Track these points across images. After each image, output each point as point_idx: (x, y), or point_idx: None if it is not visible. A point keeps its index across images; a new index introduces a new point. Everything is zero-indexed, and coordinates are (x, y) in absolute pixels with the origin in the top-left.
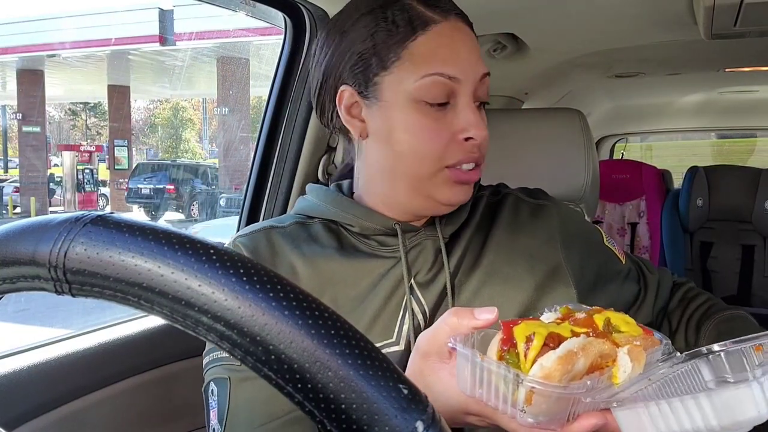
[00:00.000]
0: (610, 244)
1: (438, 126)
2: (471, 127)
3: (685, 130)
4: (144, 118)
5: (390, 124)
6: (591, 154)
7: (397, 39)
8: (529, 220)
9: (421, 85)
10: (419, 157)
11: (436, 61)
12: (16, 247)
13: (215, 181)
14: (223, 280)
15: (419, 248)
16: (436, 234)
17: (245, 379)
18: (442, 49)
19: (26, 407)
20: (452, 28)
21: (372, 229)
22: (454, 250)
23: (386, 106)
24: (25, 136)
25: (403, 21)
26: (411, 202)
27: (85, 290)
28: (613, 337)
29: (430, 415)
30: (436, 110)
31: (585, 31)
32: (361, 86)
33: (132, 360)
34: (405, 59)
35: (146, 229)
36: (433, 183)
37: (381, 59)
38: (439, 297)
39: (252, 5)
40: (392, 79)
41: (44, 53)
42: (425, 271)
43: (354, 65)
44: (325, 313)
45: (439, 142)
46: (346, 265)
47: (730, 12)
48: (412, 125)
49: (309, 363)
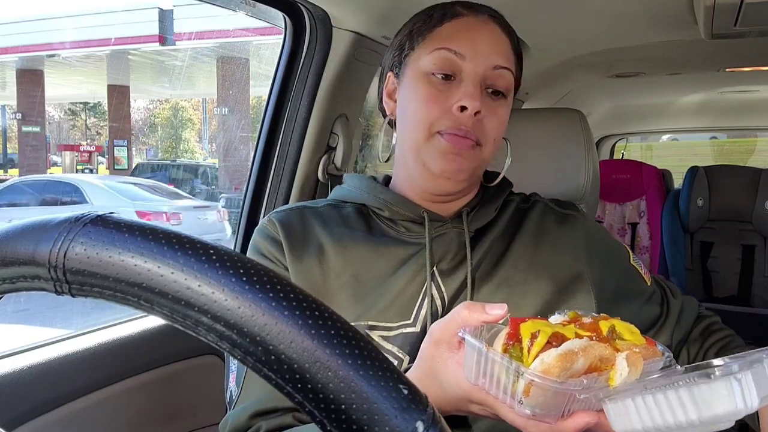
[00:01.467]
0: (635, 263)
1: (439, 95)
2: (465, 96)
3: (685, 131)
4: (144, 118)
5: (405, 96)
6: (591, 154)
7: (428, 26)
8: (555, 228)
9: (430, 58)
10: (416, 123)
11: (449, 40)
12: (16, 247)
13: (215, 181)
14: (222, 280)
15: (445, 238)
16: (462, 227)
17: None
18: (460, 33)
19: (26, 407)
20: (479, 21)
21: (401, 215)
22: (478, 245)
23: (407, 81)
24: (25, 136)
25: (439, 14)
26: (415, 174)
27: (84, 290)
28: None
29: (431, 415)
30: (441, 83)
31: (585, 31)
32: (396, 68)
33: (132, 360)
34: (428, 40)
35: (146, 229)
36: (427, 150)
37: (412, 41)
38: (460, 287)
39: (252, 5)
40: (414, 56)
41: (44, 53)
42: (448, 260)
43: (395, 50)
44: (325, 313)
45: (436, 109)
46: (372, 247)
47: (730, 12)
48: (417, 94)
49: (309, 363)
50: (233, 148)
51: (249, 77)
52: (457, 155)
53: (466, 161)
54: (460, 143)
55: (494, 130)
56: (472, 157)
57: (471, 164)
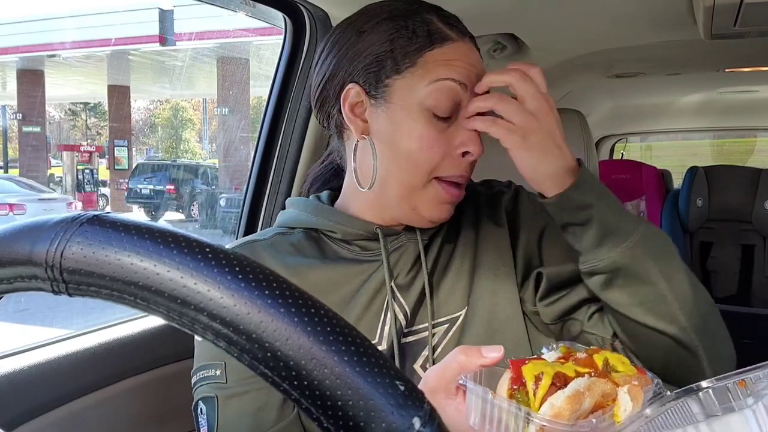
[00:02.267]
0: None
1: (440, 138)
2: (470, 141)
3: (685, 130)
4: (144, 118)
5: (394, 128)
6: (591, 154)
7: (415, 47)
8: (486, 213)
9: (431, 90)
10: (415, 165)
11: (450, 68)
12: (13, 248)
13: (215, 181)
14: (218, 278)
15: (400, 251)
16: (416, 236)
17: (231, 396)
18: (457, 60)
19: (26, 407)
20: (467, 48)
21: (354, 234)
22: (431, 250)
23: (394, 109)
24: (26, 136)
25: (423, 33)
26: (397, 209)
27: (81, 290)
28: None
29: (427, 411)
30: (442, 122)
31: (585, 31)
32: (371, 86)
33: (131, 360)
34: (419, 66)
35: (142, 228)
36: (421, 195)
37: (396, 63)
38: (419, 298)
39: (252, 5)
40: (404, 84)
41: (44, 53)
42: (405, 273)
43: (368, 65)
44: (321, 311)
45: (438, 153)
46: (329, 272)
47: (730, 12)
48: (417, 133)
49: (305, 360)
50: (233, 149)
51: (249, 77)
52: (451, 204)
53: (454, 206)
54: (457, 194)
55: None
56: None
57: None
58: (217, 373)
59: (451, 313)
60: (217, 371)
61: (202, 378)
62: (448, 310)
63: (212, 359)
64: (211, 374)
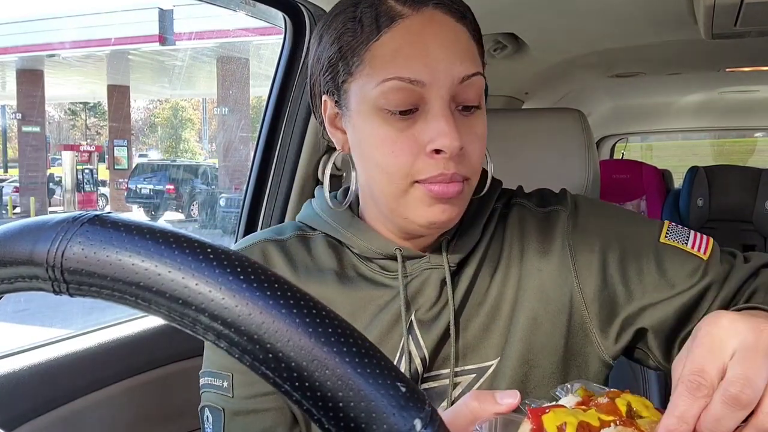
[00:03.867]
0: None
1: (402, 137)
2: (439, 137)
3: (685, 130)
4: (144, 118)
5: (359, 137)
6: (591, 154)
7: (361, 40)
8: (537, 236)
9: (380, 92)
10: (386, 173)
11: (397, 62)
12: (14, 248)
13: (215, 181)
14: (220, 278)
15: (422, 279)
16: (442, 262)
17: (238, 413)
18: (406, 48)
19: (26, 407)
20: (425, 21)
21: (372, 252)
22: (461, 280)
23: (354, 115)
24: (25, 135)
25: (369, 19)
26: (394, 220)
27: (82, 290)
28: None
29: (428, 413)
30: (401, 119)
31: (585, 31)
32: (335, 95)
33: (131, 360)
34: (366, 63)
35: (143, 228)
36: (406, 202)
37: (347, 64)
38: (441, 338)
39: (252, 5)
40: (357, 86)
41: (44, 53)
42: (428, 307)
43: (326, 73)
44: (322, 312)
45: (405, 155)
46: (342, 293)
47: (730, 12)
48: (376, 137)
49: (306, 361)
50: (233, 148)
51: (249, 77)
52: (447, 203)
53: (458, 206)
54: (448, 191)
55: (478, 154)
56: (463, 198)
57: (462, 206)
58: (224, 384)
59: (482, 362)
60: (224, 383)
61: (209, 384)
62: (478, 358)
63: (220, 368)
64: (218, 384)
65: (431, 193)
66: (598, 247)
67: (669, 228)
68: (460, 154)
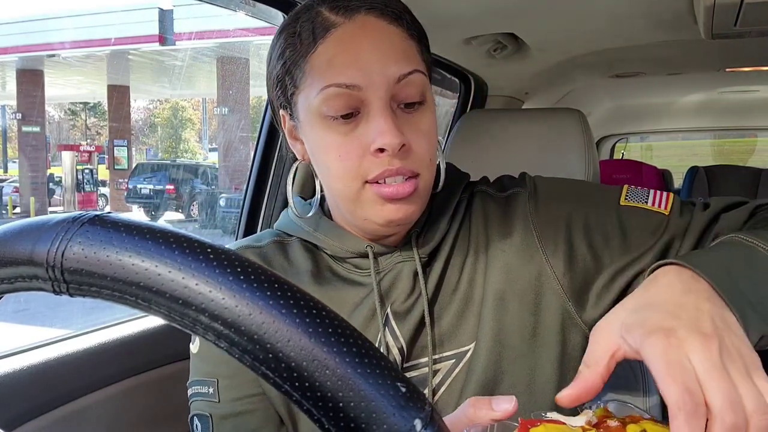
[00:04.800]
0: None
1: (347, 141)
2: (379, 136)
3: (685, 130)
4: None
5: (311, 145)
6: (591, 154)
7: (301, 53)
8: (500, 220)
9: (321, 99)
10: (337, 177)
11: (333, 70)
12: (14, 248)
13: (215, 181)
14: (220, 278)
15: (395, 272)
16: (413, 255)
17: (226, 417)
18: (340, 56)
19: (26, 407)
20: (357, 27)
21: (345, 252)
22: (432, 270)
23: (304, 125)
24: (25, 136)
25: (307, 32)
26: (358, 222)
27: (82, 290)
28: None
29: (428, 413)
30: (343, 123)
31: (585, 31)
32: (288, 108)
33: (131, 360)
34: (308, 74)
35: (143, 228)
36: (361, 203)
37: (292, 77)
38: (417, 328)
39: (252, 5)
40: (302, 97)
41: (44, 53)
42: (402, 299)
43: (277, 88)
44: (322, 312)
45: (351, 158)
46: (319, 294)
47: (730, 12)
48: (323, 143)
49: (306, 361)
50: (233, 148)
51: (249, 77)
52: (400, 201)
53: (413, 203)
54: (399, 191)
55: (426, 149)
56: (417, 196)
57: (419, 204)
58: (210, 390)
59: (459, 347)
60: (210, 389)
61: (196, 393)
62: (455, 344)
63: (205, 375)
64: (204, 391)
65: (383, 195)
66: (562, 221)
67: (628, 191)
68: (406, 150)
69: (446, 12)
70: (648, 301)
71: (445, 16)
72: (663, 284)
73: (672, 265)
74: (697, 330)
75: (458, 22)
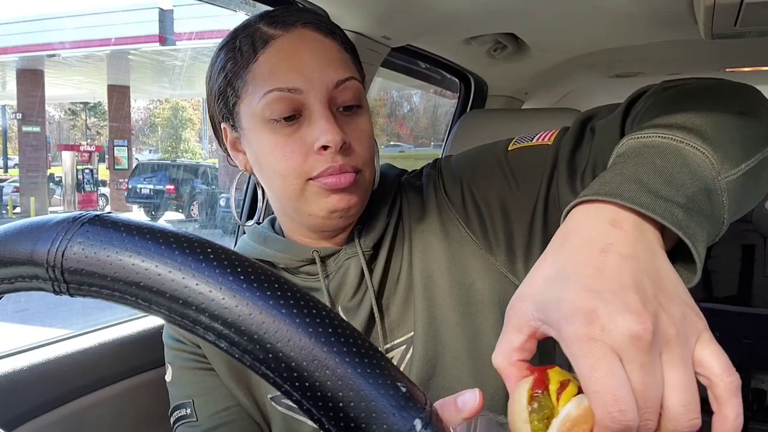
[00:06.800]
0: (520, 144)
1: (291, 141)
2: (322, 134)
3: None
4: (144, 118)
5: (253, 151)
6: None
7: (241, 64)
8: (418, 205)
9: (264, 104)
10: (282, 177)
11: (275, 76)
12: (14, 248)
13: (215, 181)
14: (220, 278)
15: (342, 271)
16: (357, 251)
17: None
18: (281, 63)
19: (26, 407)
20: (296, 39)
21: (295, 262)
22: (377, 264)
23: (247, 133)
24: (25, 135)
25: (247, 45)
26: (303, 221)
27: (83, 290)
28: None
29: (428, 413)
30: (286, 126)
31: (585, 31)
32: (230, 119)
33: (132, 360)
34: (249, 83)
35: (143, 228)
36: (305, 199)
37: (234, 88)
38: (368, 321)
39: (252, 5)
40: (245, 105)
41: (44, 53)
42: (350, 295)
43: (218, 101)
44: (322, 312)
45: (296, 157)
46: None
47: (730, 12)
48: (266, 146)
49: (306, 361)
50: None
51: None
52: (343, 192)
53: (355, 194)
54: (340, 181)
55: (366, 148)
56: (359, 189)
57: (360, 196)
58: (188, 411)
59: (406, 333)
60: (187, 410)
61: (177, 418)
62: (403, 330)
63: (181, 398)
64: (183, 413)
65: (325, 186)
66: (466, 188)
67: (516, 138)
68: (347, 148)
69: (446, 12)
70: (562, 264)
71: (445, 16)
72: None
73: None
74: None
75: (458, 22)
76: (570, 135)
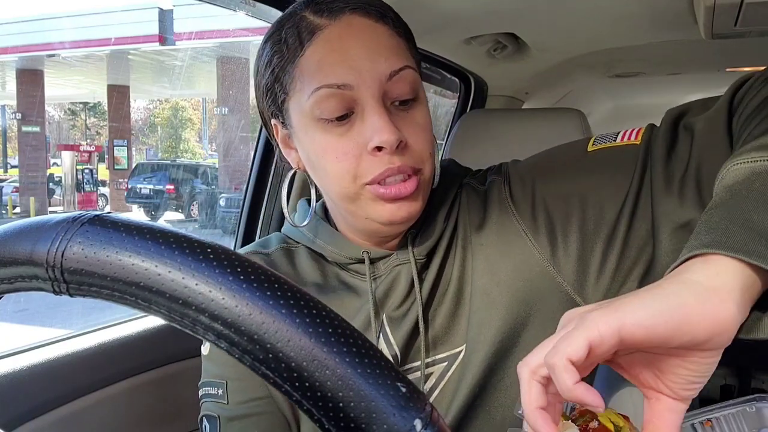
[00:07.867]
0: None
1: (343, 141)
2: (375, 133)
3: None
4: (144, 118)
5: (306, 150)
6: None
7: (288, 58)
8: (479, 213)
9: (313, 102)
10: (335, 179)
11: (323, 71)
12: (14, 248)
13: (215, 181)
14: (220, 278)
15: (392, 276)
16: (409, 258)
17: (233, 419)
18: (329, 56)
19: (26, 407)
20: (343, 28)
21: (343, 258)
22: (429, 272)
23: (298, 131)
24: (25, 136)
25: (293, 37)
26: (359, 224)
27: (82, 290)
28: None
29: (429, 413)
30: (339, 125)
31: (585, 31)
32: (280, 116)
33: (132, 360)
34: (297, 78)
35: (143, 228)
36: (362, 203)
37: (281, 84)
38: (411, 334)
39: (252, 5)
40: (294, 102)
41: (44, 53)
42: (397, 304)
43: (267, 97)
44: (322, 312)
45: (349, 159)
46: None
47: (730, 12)
48: (319, 147)
49: (306, 361)
50: (233, 148)
51: (249, 77)
52: (402, 200)
53: (415, 201)
54: (398, 189)
55: (424, 144)
56: (418, 192)
57: (420, 200)
58: (219, 392)
59: (451, 349)
60: (219, 390)
61: (206, 394)
62: (448, 346)
63: (215, 377)
64: (214, 392)
65: (383, 197)
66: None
67: (596, 138)
68: (403, 146)
69: (446, 12)
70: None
71: (445, 16)
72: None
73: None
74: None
75: (458, 22)
76: (662, 134)
